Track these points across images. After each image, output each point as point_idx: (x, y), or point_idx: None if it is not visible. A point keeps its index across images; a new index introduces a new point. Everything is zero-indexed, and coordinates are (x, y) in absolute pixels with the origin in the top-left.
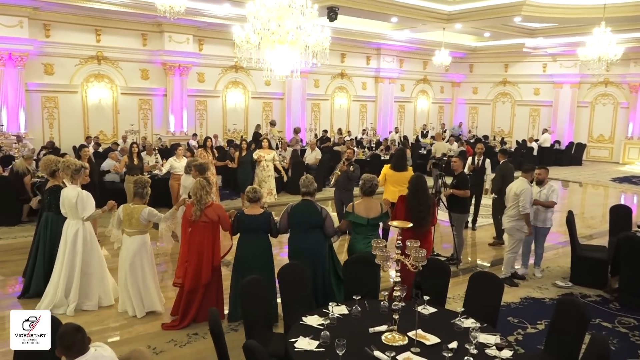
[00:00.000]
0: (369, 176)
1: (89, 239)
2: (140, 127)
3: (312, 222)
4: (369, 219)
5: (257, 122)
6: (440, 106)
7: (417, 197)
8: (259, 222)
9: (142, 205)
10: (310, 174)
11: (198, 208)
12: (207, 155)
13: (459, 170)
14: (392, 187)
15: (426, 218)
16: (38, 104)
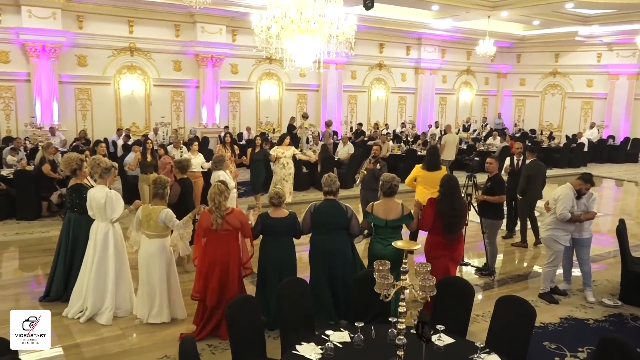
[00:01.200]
0: (389, 176)
1: (119, 241)
2: (173, 119)
3: (337, 223)
4: (388, 221)
5: (291, 115)
6: (485, 98)
7: (450, 200)
8: (285, 225)
9: (161, 207)
10: (341, 170)
11: (218, 215)
12: (225, 151)
13: (495, 172)
14: (423, 189)
15: (460, 223)
16: (71, 96)
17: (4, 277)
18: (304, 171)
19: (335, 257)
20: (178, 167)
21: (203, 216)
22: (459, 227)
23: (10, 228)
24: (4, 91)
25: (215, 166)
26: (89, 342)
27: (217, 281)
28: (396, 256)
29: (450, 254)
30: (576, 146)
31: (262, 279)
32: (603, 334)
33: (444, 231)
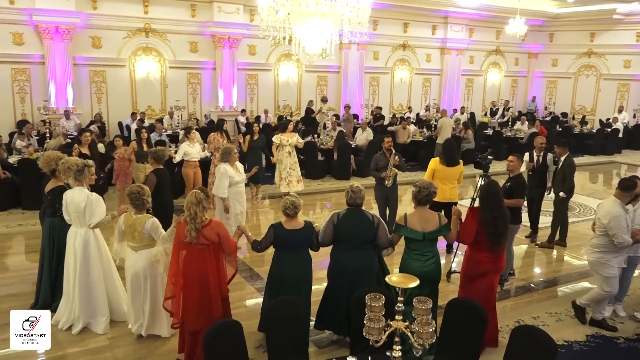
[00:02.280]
0: (426, 182)
1: (102, 247)
2: (189, 103)
3: (363, 236)
4: (425, 234)
5: (310, 98)
6: (514, 80)
7: (491, 209)
8: (301, 237)
9: (146, 216)
10: (358, 157)
11: (192, 227)
12: (222, 140)
13: (516, 172)
14: (441, 185)
15: (503, 234)
16: (86, 79)
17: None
18: (320, 158)
19: (360, 275)
20: (154, 157)
21: (180, 227)
22: (505, 237)
23: (14, 219)
24: (19, 74)
25: (222, 158)
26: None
27: (197, 303)
28: (437, 274)
29: (496, 267)
30: (610, 132)
31: (272, 293)
32: (635, 357)
33: (490, 241)
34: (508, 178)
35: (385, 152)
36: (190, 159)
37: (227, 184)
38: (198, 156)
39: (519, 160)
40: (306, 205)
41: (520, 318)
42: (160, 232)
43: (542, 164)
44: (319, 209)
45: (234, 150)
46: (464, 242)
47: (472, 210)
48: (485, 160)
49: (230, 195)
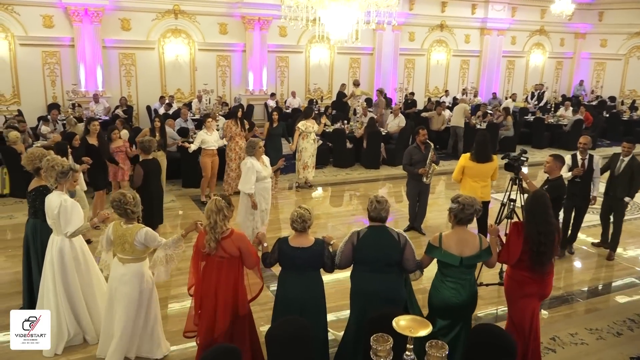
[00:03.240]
0: (469, 199)
1: (81, 257)
2: (218, 86)
3: (387, 259)
4: (463, 259)
5: (342, 82)
6: (559, 61)
7: (535, 223)
8: (309, 256)
9: (138, 226)
10: (389, 145)
11: (212, 238)
12: (237, 128)
13: (554, 175)
14: (471, 182)
15: (547, 254)
16: (115, 61)
17: None
18: (348, 146)
19: (383, 300)
20: (141, 147)
21: (200, 236)
22: (550, 256)
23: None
24: (49, 57)
25: (247, 152)
26: None
27: (207, 319)
28: (473, 305)
29: (541, 292)
30: None
31: (277, 319)
32: None
33: (532, 262)
34: (545, 180)
35: (419, 145)
36: (207, 147)
37: (254, 179)
38: (216, 144)
39: (555, 162)
40: (333, 196)
41: (556, 334)
42: (159, 241)
43: (588, 169)
44: (347, 199)
45: (260, 143)
46: (507, 262)
47: (517, 226)
48: (518, 161)
49: (258, 191)
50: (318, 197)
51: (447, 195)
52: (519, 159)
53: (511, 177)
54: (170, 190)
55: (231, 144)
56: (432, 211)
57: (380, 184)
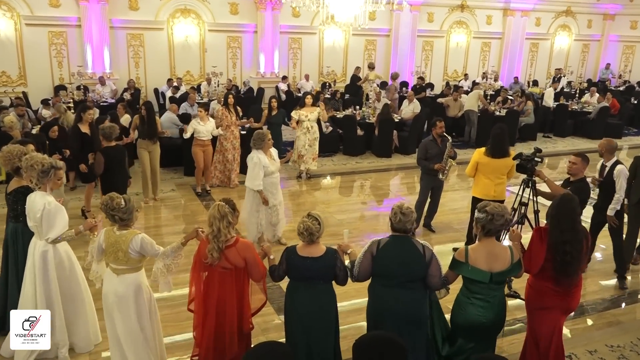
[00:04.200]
0: (498, 208)
1: (67, 264)
2: (229, 68)
3: (410, 274)
4: (494, 274)
5: (357, 64)
6: (585, 44)
7: (560, 230)
8: (320, 268)
9: (132, 232)
10: (402, 133)
11: (215, 247)
12: (229, 115)
13: (579, 176)
14: (484, 179)
15: (573, 264)
16: (123, 42)
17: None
18: (359, 133)
19: (404, 320)
20: (102, 134)
21: (202, 244)
22: (576, 268)
23: None
24: (56, 37)
25: (254, 145)
26: None
27: (212, 336)
28: (501, 324)
29: (565, 305)
30: None
31: (288, 337)
32: None
33: (556, 273)
34: (567, 181)
35: (435, 138)
36: (199, 137)
37: (262, 174)
38: (208, 135)
39: (584, 162)
40: (342, 187)
41: (573, 352)
42: (156, 249)
43: (608, 176)
44: (357, 191)
45: (268, 135)
46: (528, 271)
47: (540, 232)
48: (532, 162)
49: (265, 186)
50: (324, 187)
51: (460, 187)
52: (533, 159)
53: (523, 179)
54: (171, 179)
55: (226, 133)
56: (442, 205)
57: (392, 173)
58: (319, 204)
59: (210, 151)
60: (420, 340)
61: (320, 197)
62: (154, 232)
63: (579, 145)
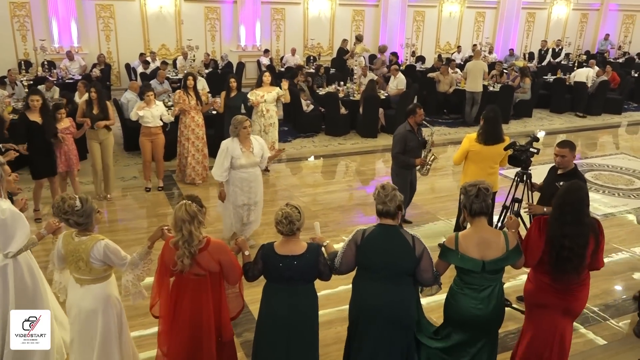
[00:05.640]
0: (475, 182)
1: (27, 276)
2: (207, 41)
3: (398, 266)
4: (486, 262)
5: (345, 36)
6: (584, 14)
7: (561, 222)
8: (302, 267)
9: (93, 238)
10: (388, 112)
11: (186, 252)
12: (187, 99)
13: (569, 167)
14: (475, 169)
15: (572, 261)
16: (92, 14)
17: None
18: (343, 112)
19: (390, 318)
20: None
21: (166, 249)
22: (576, 265)
23: None
24: (18, 8)
25: (230, 131)
26: None
27: (185, 349)
28: (498, 317)
29: (565, 305)
30: None
31: (263, 344)
32: None
33: (552, 269)
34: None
35: (413, 128)
36: (146, 124)
37: (227, 164)
38: (156, 121)
39: (572, 152)
40: (325, 172)
41: None
42: (123, 257)
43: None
44: (341, 177)
45: (245, 122)
46: (526, 263)
47: (539, 222)
48: (526, 152)
49: (232, 180)
50: (300, 171)
51: (446, 172)
52: (528, 149)
53: (517, 173)
54: (135, 164)
55: (186, 120)
56: (427, 192)
57: (377, 156)
58: (294, 191)
59: (160, 141)
60: (409, 344)
61: (296, 183)
62: (108, 228)
63: (576, 123)
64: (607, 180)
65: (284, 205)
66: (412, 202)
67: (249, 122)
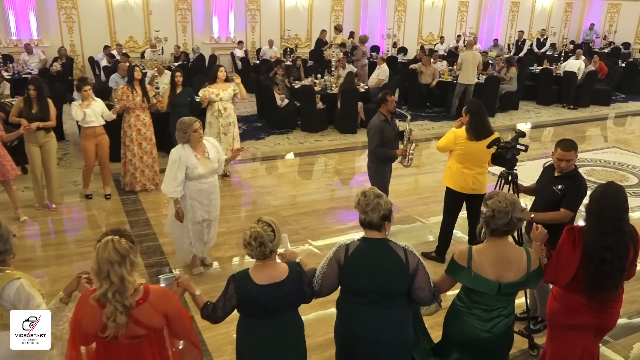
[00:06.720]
0: (503, 201)
1: None
2: (178, 33)
3: (390, 287)
4: (502, 285)
5: (324, 27)
6: (568, 3)
7: (600, 231)
8: (286, 294)
9: (8, 275)
10: (368, 105)
11: (119, 308)
12: (132, 95)
13: (570, 168)
14: (462, 168)
15: (613, 276)
16: (52, 4)
17: None
18: (320, 106)
19: (385, 346)
20: None
21: (81, 309)
22: (617, 280)
23: None
24: None
25: (177, 136)
26: None
27: None
28: (508, 340)
29: (600, 324)
30: None
31: None
32: None
33: (588, 283)
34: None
35: (387, 118)
36: (87, 124)
37: (181, 177)
38: (98, 119)
39: (576, 153)
40: (301, 171)
41: None
42: (36, 305)
43: None
44: (317, 176)
45: (195, 123)
46: (555, 283)
47: (572, 232)
48: (512, 150)
49: (190, 194)
50: (273, 171)
51: (430, 170)
52: (514, 146)
53: (501, 173)
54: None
55: (130, 119)
56: (406, 192)
57: (357, 153)
58: (263, 195)
59: (106, 142)
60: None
61: (266, 185)
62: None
63: (564, 115)
64: (600, 177)
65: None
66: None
67: (199, 124)
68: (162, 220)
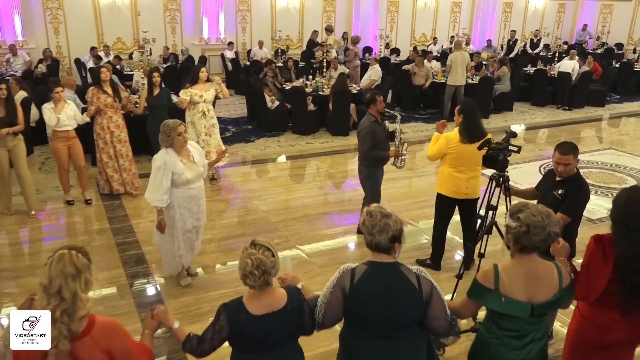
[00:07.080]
0: (537, 214)
1: None
2: (167, 34)
3: (402, 318)
4: (535, 306)
5: (315, 28)
6: (561, 4)
7: (630, 240)
8: (286, 325)
9: None
10: (360, 107)
11: (64, 331)
12: (102, 96)
13: (570, 173)
14: (454, 172)
15: None
16: (38, 5)
17: None
18: (311, 108)
19: None
20: None
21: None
22: None
23: None
24: None
25: (160, 141)
26: None
27: None
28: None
29: (634, 337)
30: None
31: None
32: None
33: (622, 295)
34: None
35: (377, 119)
36: (62, 127)
37: (167, 184)
38: (71, 122)
39: (576, 156)
40: (293, 175)
41: None
42: None
43: None
44: (308, 180)
45: (179, 126)
46: (584, 298)
47: (602, 243)
48: (503, 152)
49: (178, 201)
50: (263, 175)
51: (423, 173)
52: (506, 147)
53: (492, 176)
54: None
55: (102, 121)
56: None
57: (349, 156)
58: (252, 199)
59: (79, 145)
60: None
61: (256, 189)
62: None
63: (559, 116)
64: (598, 179)
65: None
66: None
67: (184, 127)
68: (146, 227)
